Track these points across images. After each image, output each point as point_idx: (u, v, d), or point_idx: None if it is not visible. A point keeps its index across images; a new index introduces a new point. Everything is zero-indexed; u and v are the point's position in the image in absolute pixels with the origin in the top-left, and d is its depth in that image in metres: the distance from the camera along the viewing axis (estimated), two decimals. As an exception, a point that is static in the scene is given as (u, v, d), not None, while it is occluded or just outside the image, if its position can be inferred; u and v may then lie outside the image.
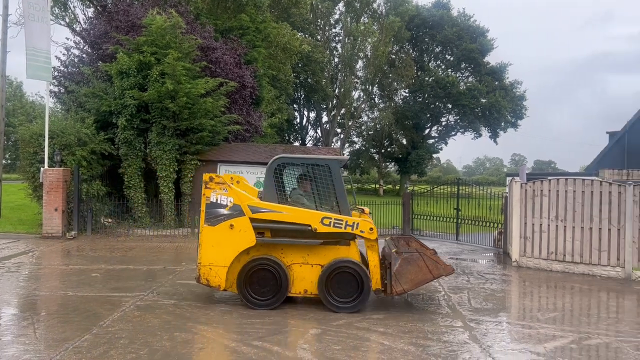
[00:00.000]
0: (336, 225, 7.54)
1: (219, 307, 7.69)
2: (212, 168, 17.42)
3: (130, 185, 16.77)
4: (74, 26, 24.59)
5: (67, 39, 35.52)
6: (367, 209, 8.89)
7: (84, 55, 19.40)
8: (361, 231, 7.64)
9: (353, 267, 7.56)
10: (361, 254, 8.01)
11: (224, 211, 7.52)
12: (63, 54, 19.56)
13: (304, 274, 7.69)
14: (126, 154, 16.69)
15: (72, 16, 25.27)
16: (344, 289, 7.56)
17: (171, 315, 7.18)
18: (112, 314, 7.15)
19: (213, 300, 8.10)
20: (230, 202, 7.52)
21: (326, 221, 7.52)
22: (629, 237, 10.35)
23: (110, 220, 16.57)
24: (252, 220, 7.50)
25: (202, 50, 18.64)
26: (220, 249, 7.48)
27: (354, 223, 7.61)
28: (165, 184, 16.77)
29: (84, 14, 24.56)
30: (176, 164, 16.90)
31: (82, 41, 19.99)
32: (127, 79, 16.41)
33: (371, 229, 7.70)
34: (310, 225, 7.49)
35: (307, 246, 7.66)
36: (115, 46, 17.01)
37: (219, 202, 7.53)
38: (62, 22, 25.26)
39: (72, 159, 15.28)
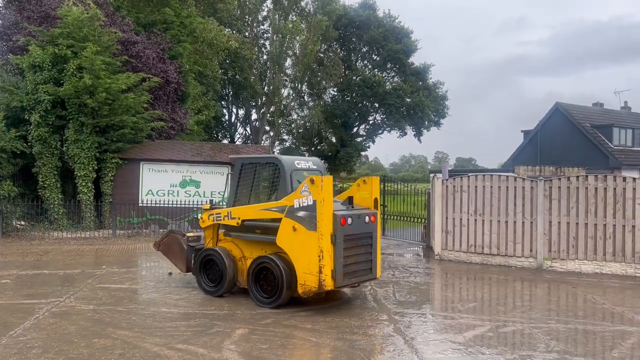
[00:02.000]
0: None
1: (141, 310, 7.41)
2: (135, 167, 16.79)
3: (46, 185, 15.82)
4: (-20, 15, 22.84)
5: (-27, 28, 32.94)
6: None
7: (-9, 47, 18.08)
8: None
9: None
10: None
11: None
12: (-33, 45, 18.14)
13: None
14: (40, 152, 15.73)
15: (-22, 4, 23.45)
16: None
17: (89, 321, 6.84)
18: (23, 322, 6.70)
19: (135, 303, 7.81)
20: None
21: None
22: (540, 229, 11.04)
23: (23, 222, 15.56)
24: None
25: (122, 44, 17.91)
26: None
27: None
28: (84, 184, 15.97)
29: (-8, 2, 22.87)
30: (96, 162, 16.14)
31: (-11, 31, 18.61)
32: (41, 73, 15.47)
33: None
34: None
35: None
36: (27, 38, 15.97)
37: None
38: (-34, 10, 23.37)
39: (-22, 158, 14.20)
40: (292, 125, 50.65)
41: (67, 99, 15.54)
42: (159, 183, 16.97)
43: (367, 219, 7.81)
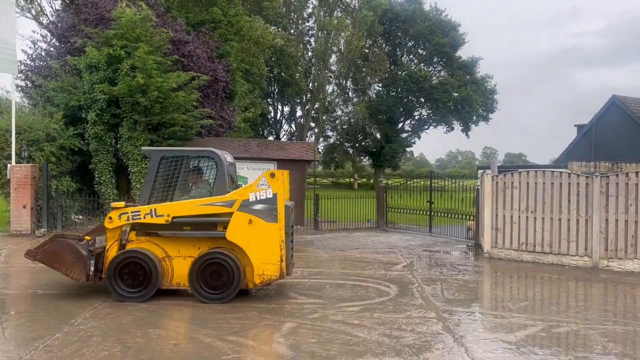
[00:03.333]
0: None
1: (192, 303, 7.62)
2: (185, 163, 17.21)
3: (101, 181, 16.47)
4: (41, 19, 23.98)
5: (34, 32, 34.74)
6: None
7: (51, 49, 18.93)
8: None
9: None
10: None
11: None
12: (29, 48, 19.09)
13: None
14: (96, 149, 16.39)
15: (39, 8, 24.63)
16: None
17: (144, 311, 7.09)
18: (83, 311, 7.02)
19: (186, 296, 8.03)
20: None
21: None
22: (596, 227, 10.64)
23: (80, 217, 16.25)
24: None
25: (173, 44, 18.38)
26: None
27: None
28: (137, 180, 16.51)
29: (51, 7, 23.98)
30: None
31: (49, 34, 19.50)
32: (97, 73, 16.08)
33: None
34: None
35: None
36: (83, 39, 16.64)
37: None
38: (28, 15, 24.60)
39: (40, 155, 14.91)
40: (337, 122, 50.71)
41: (121, 98, 16.11)
42: (208, 179, 17.32)
43: (292, 210, 8.36)
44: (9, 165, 14.60)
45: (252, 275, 7.59)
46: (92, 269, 7.58)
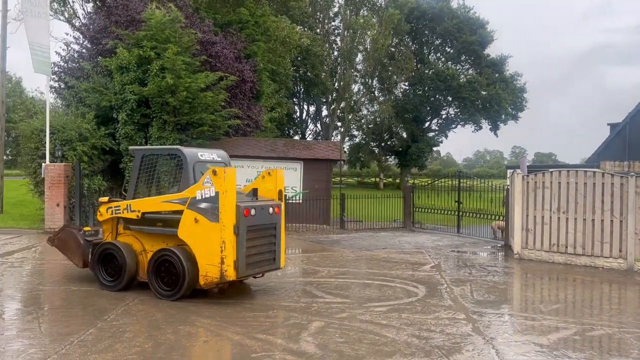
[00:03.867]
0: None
1: (222, 300, 7.71)
2: (213, 162, 17.39)
3: (131, 180, 16.75)
4: (73, 21, 24.52)
5: (67, 34, 35.60)
6: None
7: (83, 51, 19.33)
8: None
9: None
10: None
11: None
12: (63, 50, 19.51)
13: None
14: (127, 149, 16.67)
15: (71, 11, 25.19)
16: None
17: (175, 308, 7.20)
18: (116, 308, 7.16)
19: (216, 294, 8.12)
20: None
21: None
22: (631, 228, 10.36)
23: (111, 215, 16.54)
24: None
25: (201, 45, 18.57)
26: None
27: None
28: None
29: (83, 9, 24.48)
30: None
31: (81, 36, 19.92)
32: (127, 74, 16.37)
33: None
34: None
35: None
36: (114, 41, 16.95)
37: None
38: (62, 18, 25.19)
39: (73, 154, 15.26)
40: (362, 121, 50.54)
41: (151, 98, 16.35)
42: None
43: (271, 210, 7.96)
44: (43, 164, 14.99)
45: (198, 276, 7.49)
46: (90, 257, 8.39)
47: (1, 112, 18.26)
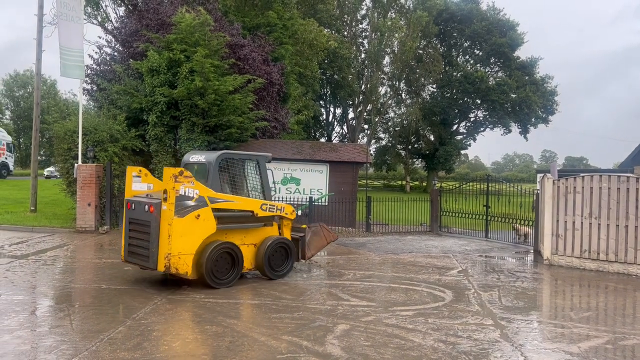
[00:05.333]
0: (270, 209, 9.18)
1: (248, 301, 7.76)
2: (240, 164, 17.55)
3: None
4: (106, 25, 25.10)
5: (100, 37, 36.60)
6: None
7: (115, 54, 19.76)
8: (285, 213, 9.49)
9: (286, 242, 9.45)
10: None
11: (191, 203, 8.13)
12: (95, 53, 19.95)
13: (245, 253, 8.93)
14: (157, 150, 16.96)
15: (104, 15, 25.81)
16: (279, 259, 9.33)
17: (202, 309, 7.28)
18: (144, 306, 7.28)
19: (242, 295, 8.19)
20: (196, 194, 8.17)
21: (264, 207, 9.10)
22: (666, 235, 10.04)
23: (141, 215, 16.83)
24: (213, 210, 8.32)
25: (230, 48, 18.77)
26: (188, 238, 8.06)
27: (281, 207, 9.47)
28: (194, 180, 16.97)
29: (116, 13, 25.07)
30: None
31: (113, 40, 20.36)
32: (158, 77, 16.65)
33: (293, 211, 9.67)
34: (252, 211, 8.93)
35: (245, 229, 9.00)
36: (145, 44, 17.27)
37: (186, 194, 8.08)
38: (95, 21, 25.82)
39: (104, 155, 15.60)
40: (389, 124, 50.29)
41: (180, 101, 16.60)
42: (262, 180, 17.63)
43: (145, 207, 8.25)
44: (75, 164, 15.36)
45: None
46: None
47: (36, 113, 18.78)
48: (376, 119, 45.76)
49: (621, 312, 7.86)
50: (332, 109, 47.62)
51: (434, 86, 46.92)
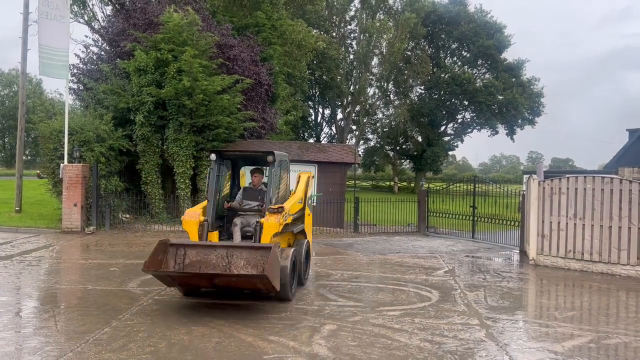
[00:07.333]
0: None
1: (235, 302, 7.75)
2: (228, 164, 17.50)
3: (148, 181, 16.94)
4: (93, 24, 24.90)
5: (86, 36, 36.36)
6: None
7: (102, 53, 19.62)
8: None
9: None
10: None
11: None
12: (82, 52, 19.79)
13: None
14: (144, 150, 16.86)
15: (91, 14, 25.61)
16: None
17: (188, 309, 7.26)
18: (130, 307, 7.24)
19: (229, 295, 8.17)
20: None
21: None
22: (649, 236, 10.19)
23: (128, 215, 16.76)
24: None
25: (219, 48, 18.72)
26: None
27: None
28: (182, 180, 16.91)
29: (103, 12, 24.90)
30: (193, 160, 17.02)
31: (100, 39, 20.24)
32: (145, 76, 16.56)
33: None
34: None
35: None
36: (132, 44, 17.17)
37: None
38: (81, 20, 25.62)
39: (90, 155, 15.46)
40: (377, 124, 50.46)
41: (168, 100, 16.53)
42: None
43: None
44: (61, 164, 15.22)
45: None
46: None
47: (21, 113, 18.58)
48: (364, 120, 45.89)
49: (605, 312, 7.97)
50: (320, 110, 47.70)
51: (422, 87, 47.18)
